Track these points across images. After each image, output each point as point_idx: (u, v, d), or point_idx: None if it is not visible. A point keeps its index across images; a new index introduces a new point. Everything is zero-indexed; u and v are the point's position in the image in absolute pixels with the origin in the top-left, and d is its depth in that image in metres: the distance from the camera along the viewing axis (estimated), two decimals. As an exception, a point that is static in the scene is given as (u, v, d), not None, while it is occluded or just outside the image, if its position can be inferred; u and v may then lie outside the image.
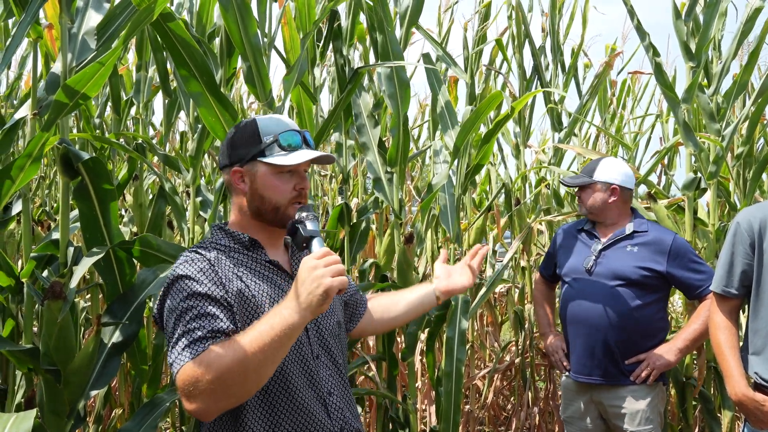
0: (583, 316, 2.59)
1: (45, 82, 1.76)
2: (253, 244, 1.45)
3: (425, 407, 3.98)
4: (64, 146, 1.69)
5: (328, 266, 1.21)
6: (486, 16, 3.88)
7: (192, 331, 1.25)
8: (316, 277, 1.19)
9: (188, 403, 1.22)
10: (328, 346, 1.49)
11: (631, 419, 2.52)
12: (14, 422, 1.22)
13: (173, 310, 1.30)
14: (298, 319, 1.19)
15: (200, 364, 1.20)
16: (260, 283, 1.40)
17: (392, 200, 2.81)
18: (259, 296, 1.38)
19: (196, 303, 1.28)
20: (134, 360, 2.18)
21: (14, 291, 1.82)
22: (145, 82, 3.03)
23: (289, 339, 1.20)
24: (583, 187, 2.69)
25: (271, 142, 1.42)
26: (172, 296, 1.32)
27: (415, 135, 5.32)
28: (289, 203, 1.44)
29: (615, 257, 2.59)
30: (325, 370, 1.46)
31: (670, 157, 4.86)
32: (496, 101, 2.68)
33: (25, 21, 1.63)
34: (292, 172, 1.45)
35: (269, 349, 1.19)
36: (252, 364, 1.18)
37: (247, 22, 2.16)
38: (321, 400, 1.42)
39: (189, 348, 1.23)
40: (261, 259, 1.45)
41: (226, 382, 1.19)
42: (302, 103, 2.88)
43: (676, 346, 2.51)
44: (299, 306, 1.19)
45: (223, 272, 1.35)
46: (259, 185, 1.43)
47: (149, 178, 3.90)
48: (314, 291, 1.19)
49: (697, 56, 2.99)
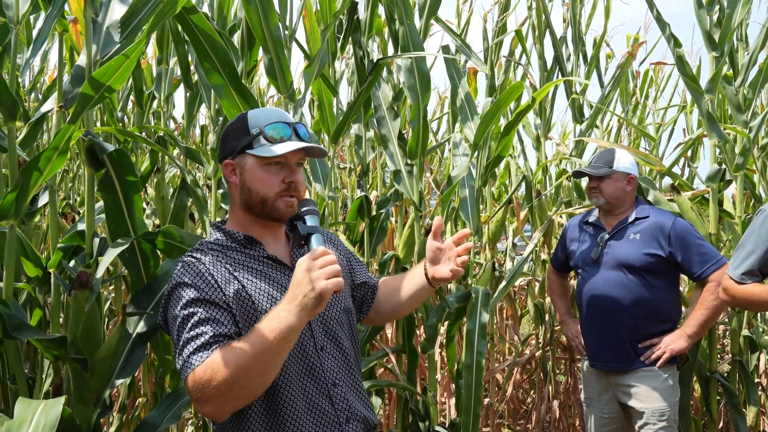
0: (594, 305, 2.67)
1: (70, 75, 1.78)
2: (250, 241, 1.44)
3: (445, 400, 3.99)
4: (89, 138, 1.71)
5: (323, 267, 1.20)
6: (506, 7, 3.84)
7: (196, 338, 1.26)
8: (311, 280, 1.18)
9: (199, 407, 1.26)
10: (335, 335, 1.48)
11: (646, 398, 2.58)
12: (43, 409, 1.24)
13: (175, 318, 1.32)
14: (295, 322, 1.19)
15: (206, 369, 1.22)
16: (258, 281, 1.40)
17: (412, 192, 2.80)
18: (257, 295, 1.37)
19: (197, 309, 1.29)
20: (158, 350, 2.21)
21: (42, 281, 1.85)
22: (167, 75, 3.05)
23: (288, 341, 1.21)
24: (602, 177, 2.69)
25: (257, 134, 1.41)
26: (173, 304, 1.33)
27: (434, 127, 5.30)
28: (277, 196, 1.41)
29: (619, 246, 2.66)
30: (331, 360, 1.45)
31: (694, 148, 4.78)
32: (516, 92, 2.66)
33: (51, 15, 1.65)
34: (281, 164, 1.42)
35: (270, 352, 1.20)
36: (255, 367, 1.20)
37: (269, 14, 2.17)
38: (325, 391, 1.42)
39: (194, 354, 1.25)
40: (259, 256, 1.44)
41: (231, 386, 1.20)
42: (322, 95, 2.88)
43: (685, 333, 2.56)
44: (294, 308, 1.19)
45: (220, 275, 1.35)
46: (248, 177, 1.42)
47: (170, 171, 3.93)
48: (308, 294, 1.18)
49: (720, 46, 2.94)
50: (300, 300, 1.19)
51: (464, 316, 2.86)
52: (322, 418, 1.40)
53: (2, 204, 1.56)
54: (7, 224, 1.59)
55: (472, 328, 2.74)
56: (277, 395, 1.36)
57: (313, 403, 1.39)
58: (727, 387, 2.97)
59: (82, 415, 1.64)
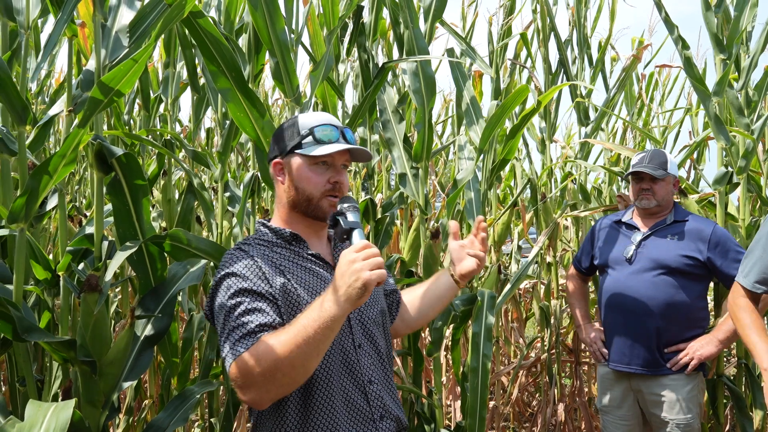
0: (624, 305, 2.61)
1: (79, 79, 1.79)
2: (295, 238, 1.50)
3: (450, 402, 3.98)
4: (98, 142, 1.73)
5: (366, 259, 1.23)
6: (511, 10, 3.85)
7: (242, 326, 1.31)
8: (355, 271, 1.21)
9: (241, 394, 1.29)
10: (372, 335, 1.53)
11: (671, 408, 2.53)
12: (54, 411, 1.25)
13: (222, 307, 1.36)
14: (338, 311, 1.22)
15: (250, 357, 1.25)
16: (303, 276, 1.45)
17: (418, 195, 2.81)
18: (302, 289, 1.42)
19: (244, 299, 1.34)
20: (165, 353, 2.22)
21: (51, 284, 1.87)
22: (173, 78, 3.07)
23: (331, 330, 1.23)
24: (656, 179, 2.64)
25: (306, 135, 1.47)
26: (221, 294, 1.38)
27: (439, 130, 5.30)
28: (322, 195, 1.47)
29: (656, 246, 2.61)
30: (367, 358, 1.49)
31: (700, 151, 4.78)
32: (522, 96, 2.66)
33: (61, 19, 1.66)
34: (327, 164, 1.48)
35: (313, 341, 1.22)
36: (298, 356, 1.23)
37: (275, 18, 2.18)
38: (361, 388, 1.45)
39: (240, 342, 1.29)
40: (303, 253, 1.50)
41: (275, 374, 1.24)
42: (327, 98, 2.89)
43: (716, 338, 2.51)
44: (339, 299, 1.22)
45: (267, 268, 1.40)
46: (295, 176, 1.48)
47: (176, 174, 3.95)
48: (353, 284, 1.21)
49: (728, 48, 2.94)
50: (345, 290, 1.22)
51: (470, 319, 2.86)
52: (357, 415, 1.44)
53: (12, 207, 1.58)
54: (18, 227, 1.60)
55: (478, 330, 2.74)
56: (315, 389, 1.39)
57: (349, 398, 1.43)
58: (733, 390, 2.96)
59: (90, 418, 1.65)
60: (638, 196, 2.68)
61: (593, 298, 4.01)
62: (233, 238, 2.86)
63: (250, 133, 2.09)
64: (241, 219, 2.51)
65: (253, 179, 2.47)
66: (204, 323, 2.65)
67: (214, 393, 2.68)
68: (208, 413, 2.85)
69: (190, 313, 2.76)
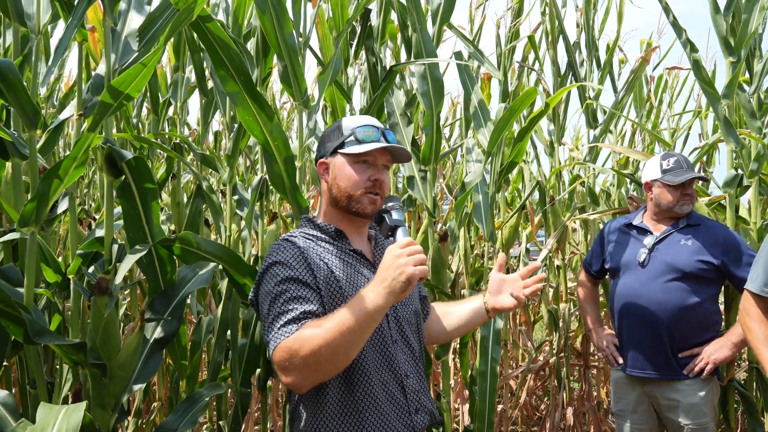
0: (637, 310, 2.59)
1: (89, 84, 1.80)
2: (338, 234, 1.57)
3: (458, 406, 3.97)
4: (108, 146, 1.74)
5: (411, 255, 1.29)
6: (519, 12, 3.84)
7: (286, 312, 1.38)
8: (400, 265, 1.28)
9: (284, 377, 1.36)
10: (405, 334, 1.59)
11: (686, 413, 2.52)
12: (65, 414, 1.26)
13: (268, 294, 1.43)
14: (382, 302, 1.28)
15: (295, 341, 1.32)
16: (345, 270, 1.52)
17: (426, 198, 2.81)
18: (344, 282, 1.49)
19: (289, 287, 1.41)
20: (174, 355, 2.22)
21: (61, 287, 1.88)
22: (182, 82, 3.08)
23: (374, 321, 1.30)
24: (689, 183, 2.62)
25: (348, 135, 1.56)
26: (267, 281, 1.45)
27: (447, 133, 5.30)
28: (362, 193, 1.54)
29: (669, 250, 2.59)
30: (402, 354, 1.55)
31: (709, 154, 4.75)
32: (530, 98, 2.66)
33: (72, 24, 1.67)
34: (368, 163, 1.55)
35: (356, 330, 1.28)
36: (341, 344, 1.28)
37: (283, 22, 2.18)
38: (399, 381, 1.52)
39: (285, 327, 1.36)
40: (346, 248, 1.57)
41: (317, 360, 1.30)
42: (336, 101, 2.90)
43: (731, 341, 2.50)
44: (383, 290, 1.28)
45: (312, 260, 1.47)
46: (337, 174, 1.56)
47: (185, 177, 3.96)
48: (398, 277, 1.27)
49: (737, 51, 2.92)
50: (389, 282, 1.28)
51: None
52: (396, 405, 1.50)
53: (23, 211, 1.59)
54: (28, 231, 1.61)
55: (486, 334, 2.73)
56: (355, 378, 1.45)
57: (388, 390, 1.49)
58: (744, 395, 2.93)
59: (100, 420, 1.66)
60: (679, 202, 2.63)
61: (603, 302, 3.99)
62: (241, 241, 2.87)
63: (259, 137, 2.09)
64: (250, 222, 2.51)
65: (261, 182, 2.47)
66: (212, 326, 2.65)
67: (223, 396, 2.68)
68: (217, 416, 2.85)
69: (198, 315, 2.76)
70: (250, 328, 2.45)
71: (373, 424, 1.45)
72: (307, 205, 2.28)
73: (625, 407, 2.72)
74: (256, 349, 2.42)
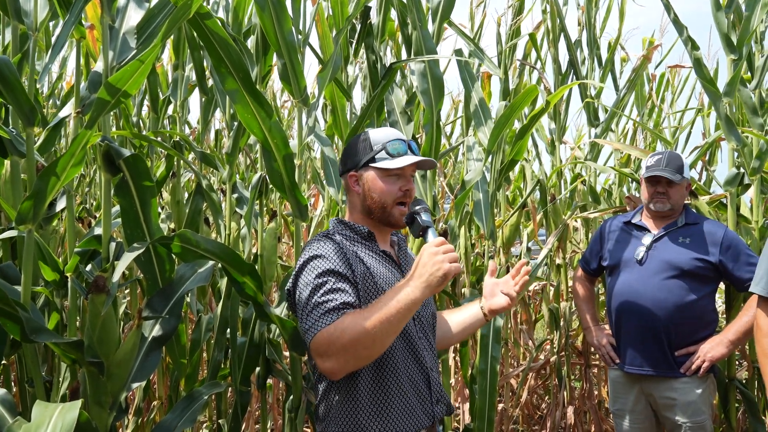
0: (635, 308, 2.59)
1: (87, 81, 1.79)
2: (370, 235, 1.69)
3: (458, 405, 3.97)
4: (106, 143, 1.73)
5: (446, 253, 1.40)
6: (519, 10, 3.83)
7: (327, 302, 1.47)
8: (437, 261, 1.39)
9: (322, 362, 1.45)
10: (426, 332, 1.72)
11: (684, 411, 2.53)
12: (60, 412, 1.25)
13: (307, 285, 1.52)
14: (419, 295, 1.39)
15: (335, 329, 1.41)
16: (378, 267, 1.63)
17: (426, 197, 2.80)
18: (379, 278, 1.60)
19: (329, 279, 1.51)
20: (173, 354, 2.22)
21: (59, 285, 1.87)
22: (182, 80, 3.07)
23: (409, 311, 1.40)
24: (673, 183, 2.61)
25: (380, 150, 1.66)
26: (307, 273, 1.54)
27: (448, 131, 5.29)
28: (394, 203, 1.66)
29: (667, 248, 2.59)
30: (425, 351, 1.67)
31: (711, 152, 4.73)
32: (531, 96, 2.65)
33: (69, 21, 1.67)
34: (399, 175, 1.66)
35: (394, 319, 1.39)
36: (379, 332, 1.39)
37: (282, 19, 2.17)
38: (424, 374, 1.65)
39: (325, 316, 1.45)
40: (376, 249, 1.69)
41: (356, 346, 1.40)
42: (335, 99, 2.89)
43: (727, 338, 2.51)
44: (421, 284, 1.39)
45: (349, 255, 1.58)
46: (370, 186, 1.67)
47: (185, 175, 3.96)
48: (435, 273, 1.39)
49: (738, 48, 2.91)
50: (426, 278, 1.39)
51: (478, 321, 2.84)
52: (420, 396, 1.62)
53: (20, 209, 1.58)
54: (25, 229, 1.61)
55: (486, 332, 2.73)
56: (385, 370, 1.56)
57: (414, 382, 1.61)
58: (745, 394, 2.92)
59: (98, 419, 1.65)
60: (652, 199, 2.64)
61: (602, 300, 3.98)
62: (241, 239, 2.86)
63: (258, 135, 2.09)
64: (249, 220, 2.51)
65: (260, 181, 2.47)
66: (212, 324, 2.65)
67: (222, 394, 2.68)
68: (217, 415, 2.85)
69: (198, 314, 2.76)
70: (250, 326, 2.44)
71: (398, 412, 1.56)
72: (306, 204, 2.27)
73: (623, 406, 2.72)
74: (255, 347, 2.42)
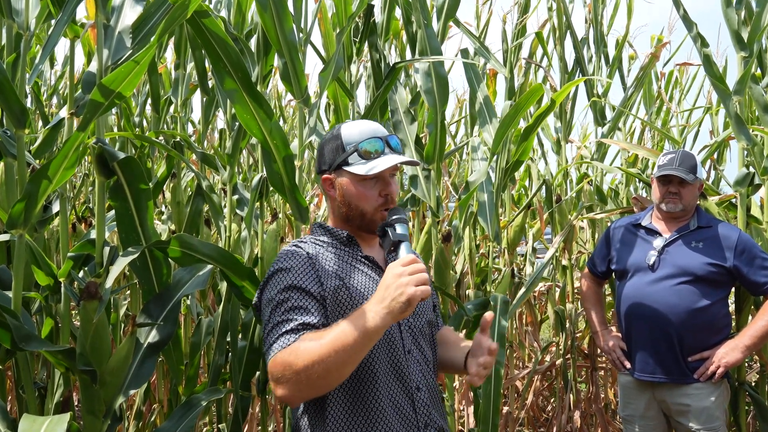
0: (647, 314, 2.53)
1: (81, 81, 1.75)
2: (350, 240, 1.53)
3: (463, 407, 3.92)
4: (99, 146, 1.69)
5: (413, 274, 1.24)
6: (525, 8, 3.77)
7: (286, 322, 1.35)
8: (400, 285, 1.23)
9: (276, 389, 1.32)
10: (420, 344, 1.53)
11: (697, 417, 2.47)
12: (49, 426, 1.22)
13: (270, 301, 1.40)
14: (379, 323, 1.23)
15: (290, 354, 1.29)
16: (357, 277, 1.47)
17: (429, 198, 2.75)
18: (355, 291, 1.44)
19: (292, 295, 1.38)
20: (171, 361, 2.18)
21: (53, 290, 1.83)
22: (183, 80, 3.03)
23: (370, 341, 1.25)
24: (685, 183, 2.54)
25: (352, 151, 1.48)
26: (271, 287, 1.42)
27: (452, 131, 5.24)
28: (376, 210, 1.49)
29: (680, 253, 2.53)
30: (415, 365, 1.49)
31: (720, 151, 4.66)
32: (536, 95, 2.59)
33: (62, 20, 1.63)
34: (377, 178, 1.48)
35: (351, 349, 1.24)
36: (334, 362, 1.24)
37: (283, 17, 2.13)
38: (409, 394, 1.46)
39: (282, 338, 1.33)
40: (357, 255, 1.52)
41: (310, 375, 1.26)
42: (338, 99, 2.84)
43: (742, 343, 2.45)
44: (382, 310, 1.24)
45: (321, 268, 1.44)
46: (346, 192, 1.50)
47: (187, 175, 3.92)
48: (397, 298, 1.22)
49: (749, 46, 2.84)
50: (388, 303, 1.23)
51: (483, 324, 2.80)
52: (403, 420, 1.44)
53: (12, 213, 1.54)
54: (17, 233, 1.57)
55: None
56: (363, 389, 1.41)
57: (396, 403, 1.44)
58: (755, 398, 2.87)
59: (91, 428, 1.61)
60: (664, 199, 2.57)
61: (608, 302, 3.93)
62: (242, 241, 2.82)
63: (257, 135, 2.04)
64: (249, 222, 2.47)
65: (261, 182, 2.42)
66: (212, 327, 2.61)
67: (223, 399, 2.64)
68: (217, 419, 2.81)
69: (198, 317, 2.72)
70: (250, 330, 2.40)
71: None
72: (306, 205, 2.23)
73: (634, 412, 2.66)
74: (255, 351, 2.38)
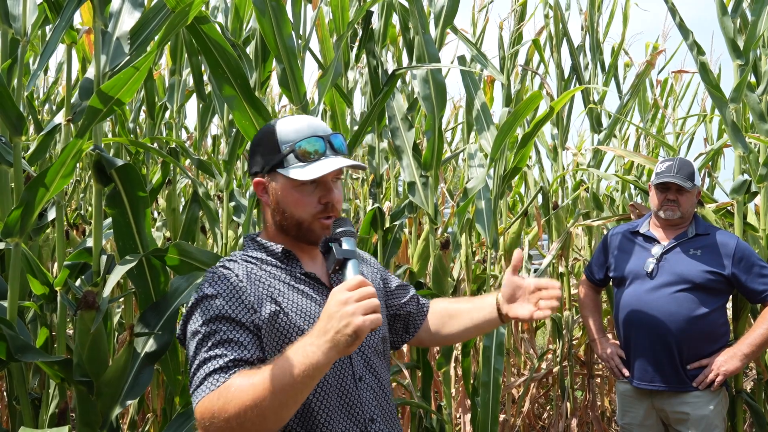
0: (645, 322, 2.52)
1: (79, 88, 1.73)
2: (287, 255, 1.34)
3: (459, 416, 3.90)
4: (97, 153, 1.67)
5: (360, 300, 1.07)
6: (522, 15, 3.78)
7: (214, 359, 1.16)
8: (346, 314, 1.06)
9: None
10: (373, 366, 1.37)
11: (696, 425, 2.47)
12: (46, 439, 1.19)
13: (196, 333, 1.20)
14: (322, 359, 1.07)
15: (219, 397, 1.11)
16: (296, 300, 1.29)
17: (427, 205, 2.74)
18: (294, 315, 1.27)
19: (220, 327, 1.19)
20: (167, 370, 2.15)
21: (48, 299, 1.81)
22: (179, 86, 3.02)
23: (312, 379, 1.08)
24: (683, 190, 2.53)
25: (288, 152, 1.29)
26: (196, 318, 1.22)
27: (449, 137, 5.24)
28: (314, 218, 1.31)
29: (679, 261, 2.52)
30: (369, 392, 1.33)
31: (714, 158, 4.68)
32: (535, 103, 2.59)
33: (59, 26, 1.61)
34: (316, 183, 1.30)
35: (291, 388, 1.07)
36: (270, 405, 1.08)
37: (282, 24, 2.12)
38: (362, 427, 1.30)
39: (209, 378, 1.14)
40: (296, 272, 1.33)
41: (243, 421, 1.08)
42: (335, 105, 2.83)
43: (741, 351, 2.45)
44: (324, 344, 1.07)
45: (254, 291, 1.24)
46: (280, 198, 1.31)
47: (182, 182, 3.90)
48: (342, 330, 1.05)
49: (745, 54, 2.86)
50: (332, 336, 1.06)
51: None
52: None
53: (7, 221, 1.52)
54: (12, 242, 1.55)
55: (489, 344, 2.67)
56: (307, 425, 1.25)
57: None
58: (752, 406, 2.86)
59: (87, 439, 1.59)
60: (662, 207, 2.56)
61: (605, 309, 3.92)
62: (238, 248, 2.80)
63: (256, 142, 2.03)
64: (247, 229, 2.45)
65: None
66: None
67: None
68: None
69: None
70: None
71: None
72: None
73: (632, 420, 2.65)
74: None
